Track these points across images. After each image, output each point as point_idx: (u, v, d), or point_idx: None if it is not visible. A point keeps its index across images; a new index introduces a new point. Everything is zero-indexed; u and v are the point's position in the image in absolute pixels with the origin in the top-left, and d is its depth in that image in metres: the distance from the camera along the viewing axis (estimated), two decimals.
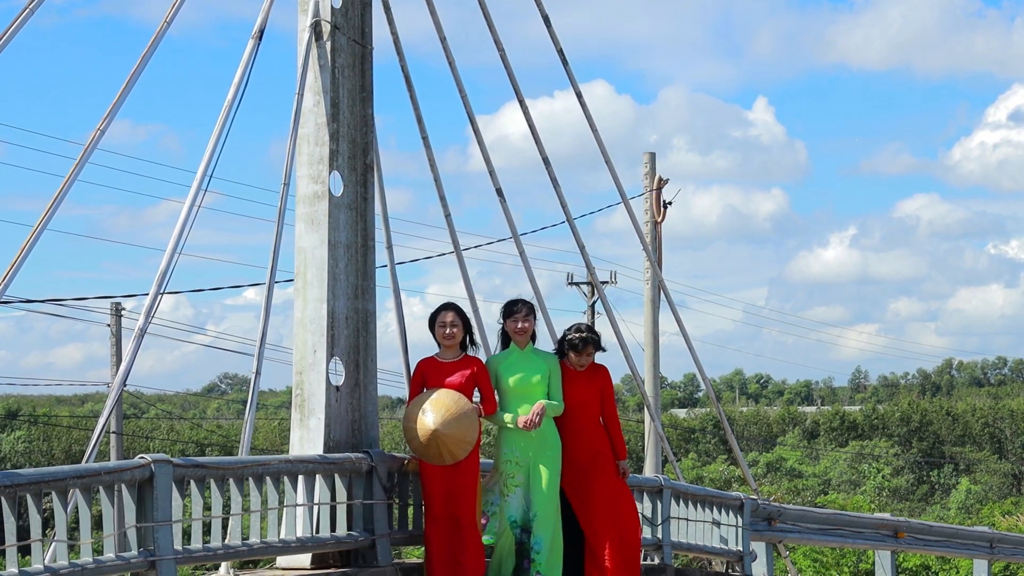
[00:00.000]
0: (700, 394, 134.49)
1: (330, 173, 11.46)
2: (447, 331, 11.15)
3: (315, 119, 11.60)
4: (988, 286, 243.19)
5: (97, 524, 9.21)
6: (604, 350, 11.72)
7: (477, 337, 11.71)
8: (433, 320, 11.25)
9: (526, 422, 11.02)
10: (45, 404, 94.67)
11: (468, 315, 11.50)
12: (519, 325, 11.29)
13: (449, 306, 11.34)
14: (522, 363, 11.24)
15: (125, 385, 11.09)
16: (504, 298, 11.35)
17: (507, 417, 11.12)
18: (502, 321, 11.39)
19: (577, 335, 11.46)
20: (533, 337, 11.47)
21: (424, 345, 11.53)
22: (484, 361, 11.36)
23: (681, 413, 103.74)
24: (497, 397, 11.21)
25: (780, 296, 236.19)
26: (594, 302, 45.13)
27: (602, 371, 11.67)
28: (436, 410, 10.81)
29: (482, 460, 11.25)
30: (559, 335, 11.86)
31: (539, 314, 11.87)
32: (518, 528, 11.02)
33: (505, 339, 11.39)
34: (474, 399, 11.11)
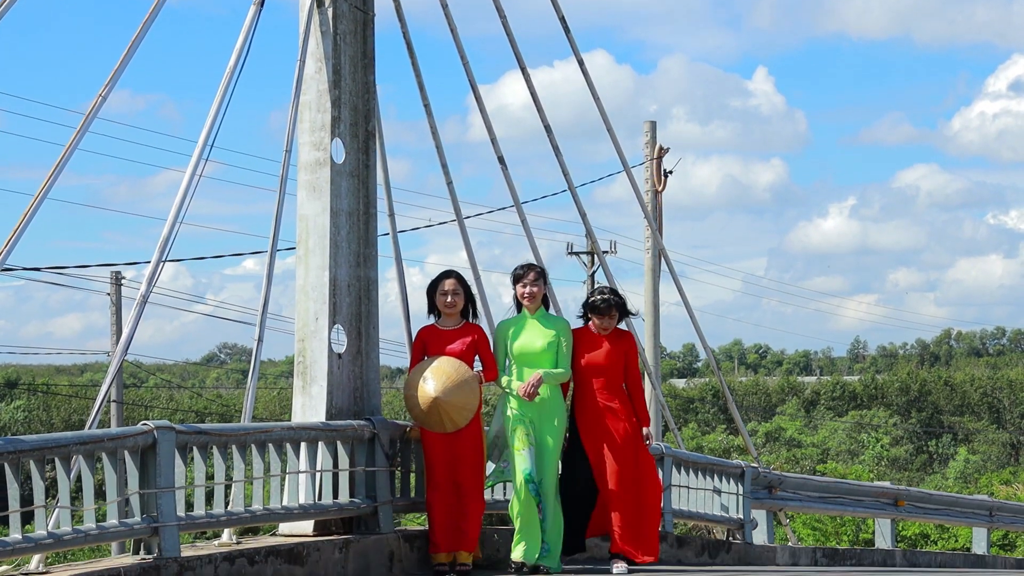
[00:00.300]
0: (699, 364, 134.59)
1: (332, 140, 11.44)
2: (448, 299, 11.09)
3: (317, 86, 11.58)
4: (987, 256, 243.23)
5: (100, 493, 9.22)
6: (634, 314, 11.75)
7: (480, 307, 11.65)
8: (433, 288, 11.19)
9: (523, 391, 10.97)
10: (44, 374, 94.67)
11: (469, 283, 11.42)
12: (527, 290, 11.20)
13: (449, 273, 11.25)
14: (529, 329, 11.16)
15: (127, 352, 11.08)
16: (504, 268, 11.34)
17: (504, 380, 11.15)
18: (513, 286, 11.32)
19: (600, 297, 11.41)
20: (546, 303, 11.40)
21: (425, 314, 11.46)
22: (491, 328, 11.34)
23: (680, 383, 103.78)
24: (507, 362, 11.19)
25: (779, 266, 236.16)
26: (594, 271, 45.15)
27: (627, 336, 11.59)
28: (437, 377, 10.78)
29: (484, 428, 11.25)
30: (560, 305, 11.88)
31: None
32: (533, 484, 10.94)
33: (519, 305, 11.32)
34: (475, 367, 11.07)
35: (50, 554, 9.32)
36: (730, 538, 15.42)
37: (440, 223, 27.03)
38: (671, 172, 29.42)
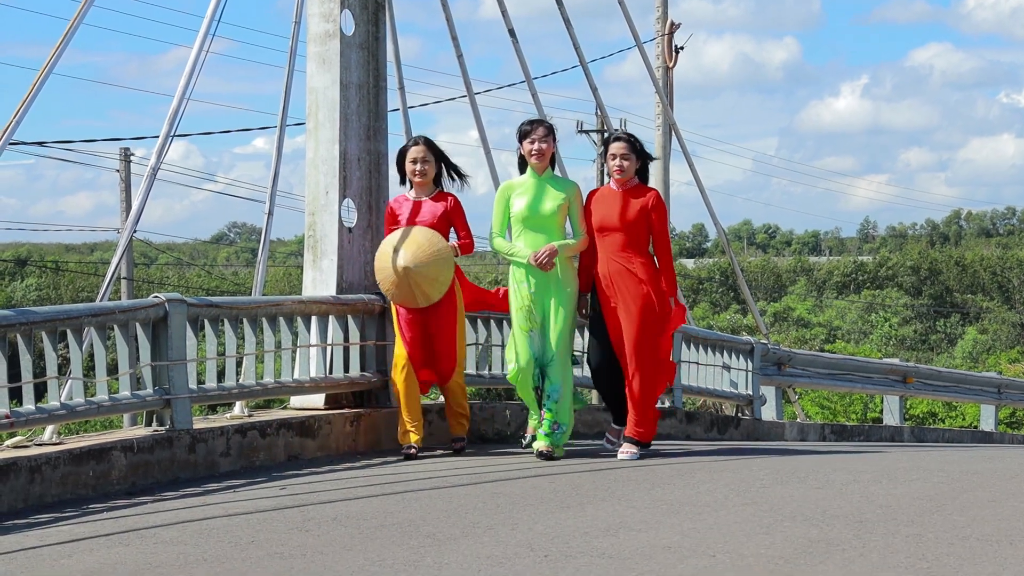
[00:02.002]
0: (708, 244, 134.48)
1: (341, 11, 11.30)
2: (418, 167, 10.39)
3: None
4: (999, 136, 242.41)
5: (112, 370, 9.26)
6: (652, 158, 10.51)
7: (453, 173, 10.66)
8: (402, 156, 10.51)
9: (535, 259, 10.04)
10: (54, 252, 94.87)
11: (441, 148, 10.62)
12: (535, 146, 10.16)
13: (418, 139, 10.57)
14: (536, 190, 10.18)
15: (137, 226, 11.06)
16: (515, 148, 10.35)
17: (508, 247, 10.26)
18: (519, 144, 10.29)
19: (613, 133, 10.64)
20: (553, 163, 10.48)
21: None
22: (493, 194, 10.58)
23: (690, 263, 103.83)
24: (510, 226, 10.30)
25: (790, 146, 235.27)
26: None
27: (651, 193, 10.31)
28: (408, 248, 10.20)
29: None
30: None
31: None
32: (537, 368, 10.22)
33: (524, 165, 10.33)
34: (451, 239, 10.43)
35: (62, 427, 9.37)
36: (739, 414, 15.49)
37: (450, 99, 26.81)
38: (682, 48, 29.19)
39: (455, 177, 10.61)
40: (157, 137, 11.22)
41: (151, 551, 6.77)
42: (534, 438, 10.33)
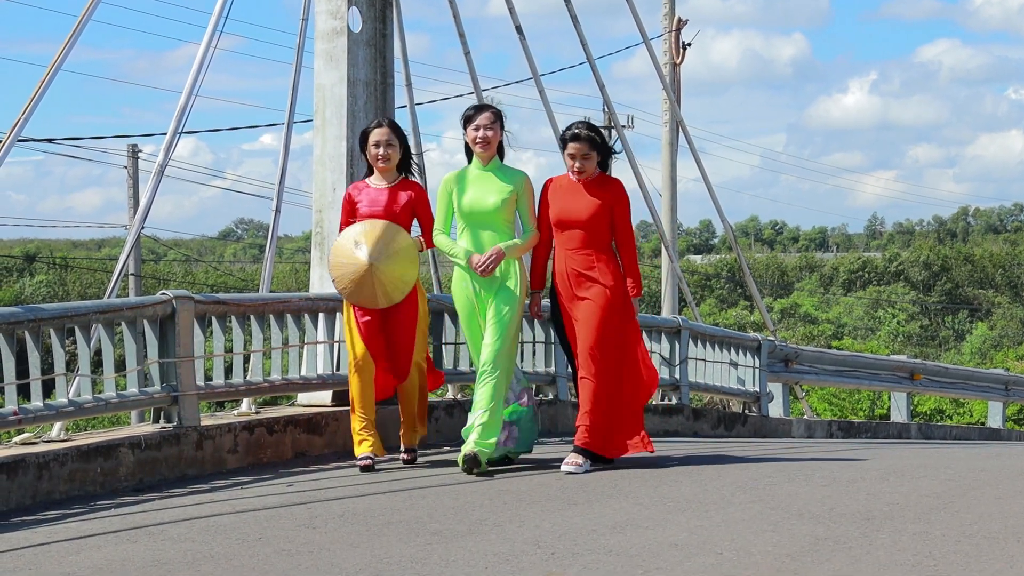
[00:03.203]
0: (715, 240, 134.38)
1: (349, 8, 11.31)
2: (380, 151, 9.54)
3: None
4: (1008, 132, 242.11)
5: (120, 367, 9.27)
6: (615, 152, 9.72)
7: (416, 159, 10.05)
8: (364, 139, 9.69)
9: (477, 264, 9.23)
10: (62, 248, 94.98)
11: (407, 133, 9.94)
12: (480, 134, 9.31)
13: (382, 120, 9.81)
14: (481, 182, 9.32)
15: (145, 222, 11.09)
16: (522, 145, 10.29)
17: (449, 245, 9.40)
18: (463, 131, 9.45)
19: (570, 129, 9.40)
20: (501, 152, 9.49)
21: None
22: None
23: (697, 259, 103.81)
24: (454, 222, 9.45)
25: (798, 142, 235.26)
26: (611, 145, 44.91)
27: (614, 185, 9.42)
28: (370, 242, 9.34)
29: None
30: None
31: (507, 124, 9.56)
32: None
33: (471, 154, 9.48)
34: (414, 231, 9.69)
35: (70, 424, 9.39)
36: (746, 411, 15.49)
37: (457, 96, 26.81)
38: (689, 44, 29.15)
39: (412, 172, 9.80)
40: (165, 134, 11.26)
41: (159, 548, 6.78)
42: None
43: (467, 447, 9.12)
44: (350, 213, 9.63)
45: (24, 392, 8.52)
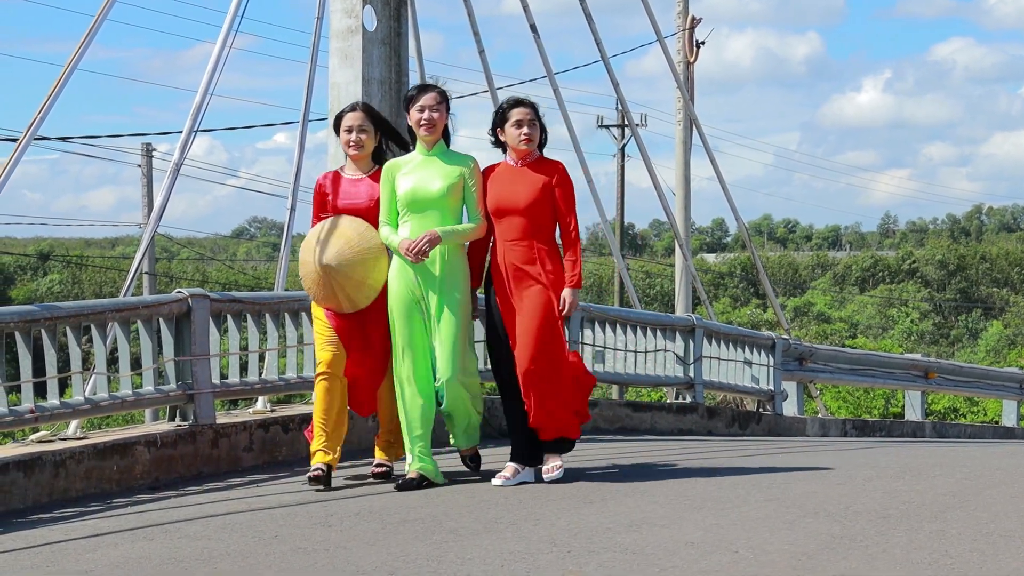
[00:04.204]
0: (728, 239, 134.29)
1: (364, 7, 11.33)
2: (352, 136, 8.72)
3: None
4: (1021, 131, 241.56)
5: (135, 365, 9.29)
6: (546, 131, 8.72)
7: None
8: (338, 125, 8.88)
9: (409, 248, 8.36)
10: (76, 247, 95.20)
11: (383, 116, 9.09)
12: (425, 115, 8.50)
13: (356, 104, 9.00)
14: (425, 167, 8.52)
15: (160, 221, 11.11)
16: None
17: (389, 235, 8.55)
18: (406, 113, 8.66)
19: (509, 99, 8.75)
20: (447, 136, 8.70)
21: None
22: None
23: (710, 258, 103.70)
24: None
25: (812, 140, 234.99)
26: (624, 144, 44.94)
27: (555, 167, 8.60)
28: (333, 243, 8.55)
29: None
30: (593, 180, 11.34)
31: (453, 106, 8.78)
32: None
33: (414, 139, 8.69)
34: None
35: (86, 422, 9.41)
36: (760, 409, 15.47)
37: (472, 94, 26.80)
38: (703, 43, 29.12)
39: (397, 147, 8.93)
40: (180, 132, 11.29)
41: (175, 546, 6.79)
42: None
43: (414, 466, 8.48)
44: (322, 206, 8.80)
45: (40, 390, 8.55)
